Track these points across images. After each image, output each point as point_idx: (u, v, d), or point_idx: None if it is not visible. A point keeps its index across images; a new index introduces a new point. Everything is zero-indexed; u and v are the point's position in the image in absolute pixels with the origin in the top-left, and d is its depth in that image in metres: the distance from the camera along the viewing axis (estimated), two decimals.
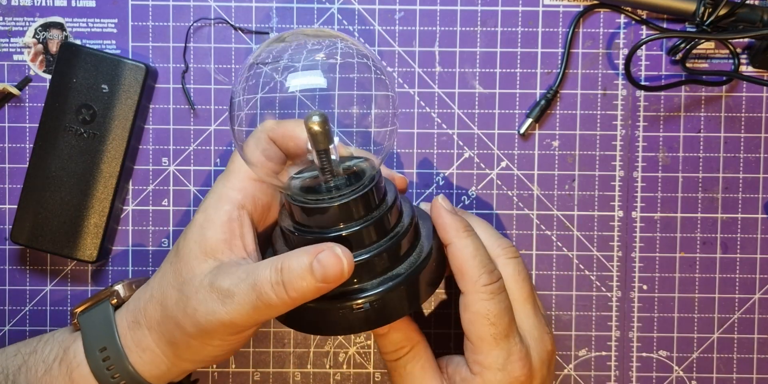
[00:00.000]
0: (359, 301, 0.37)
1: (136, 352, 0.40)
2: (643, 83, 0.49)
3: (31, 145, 0.47)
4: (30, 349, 0.42)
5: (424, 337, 0.42)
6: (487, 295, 0.39)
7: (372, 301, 0.37)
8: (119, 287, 0.43)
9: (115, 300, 0.42)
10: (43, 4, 0.48)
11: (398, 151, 0.49)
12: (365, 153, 0.41)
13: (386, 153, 0.40)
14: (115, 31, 0.48)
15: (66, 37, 0.48)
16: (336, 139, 0.38)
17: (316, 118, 0.36)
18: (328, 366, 0.49)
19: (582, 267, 0.49)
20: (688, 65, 0.49)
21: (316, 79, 0.38)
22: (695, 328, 0.49)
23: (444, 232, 0.40)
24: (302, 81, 0.38)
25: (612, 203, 0.49)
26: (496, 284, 0.40)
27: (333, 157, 0.38)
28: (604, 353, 0.49)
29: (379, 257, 0.38)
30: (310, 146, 0.37)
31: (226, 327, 0.37)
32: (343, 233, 0.37)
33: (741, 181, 0.49)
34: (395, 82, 0.48)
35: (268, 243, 0.42)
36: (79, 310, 0.42)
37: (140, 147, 0.49)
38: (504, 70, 0.49)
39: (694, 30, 0.47)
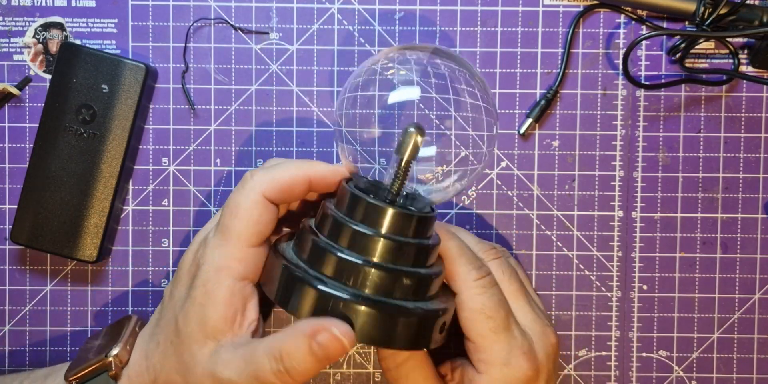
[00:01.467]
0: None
1: None
2: (642, 82, 0.49)
3: (31, 145, 0.47)
4: None
5: None
6: (479, 290, 0.39)
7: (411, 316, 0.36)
8: (113, 356, 0.40)
9: (114, 371, 0.40)
10: (43, 4, 0.48)
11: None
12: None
13: (461, 188, 0.40)
14: (115, 31, 0.48)
15: (66, 37, 0.48)
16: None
17: (413, 129, 0.36)
18: (328, 366, 0.49)
19: (582, 267, 0.49)
20: (687, 65, 0.49)
21: (413, 93, 0.39)
22: (695, 328, 0.49)
23: None
24: (403, 95, 0.39)
25: (612, 203, 0.49)
26: (486, 278, 0.40)
27: (410, 172, 0.38)
28: (604, 353, 0.49)
29: (408, 278, 0.37)
30: (395, 152, 0.37)
31: None
32: (383, 238, 0.37)
33: (741, 181, 0.49)
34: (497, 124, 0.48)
35: None
36: (73, 378, 0.41)
37: (140, 147, 0.49)
38: (504, 70, 0.49)
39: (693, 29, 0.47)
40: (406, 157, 0.37)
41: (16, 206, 0.47)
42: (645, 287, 0.49)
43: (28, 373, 0.44)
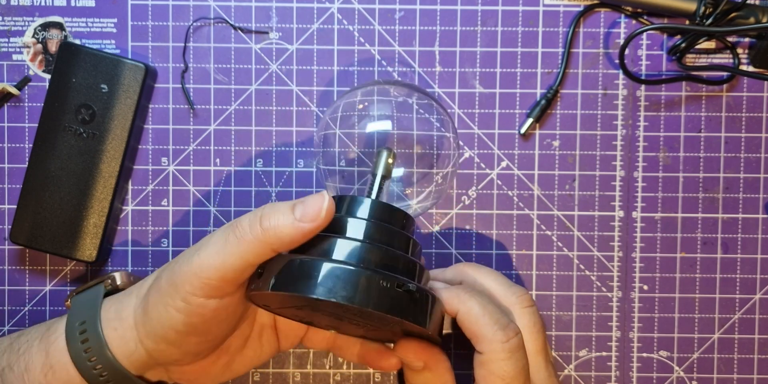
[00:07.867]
0: (400, 282, 0.35)
1: (112, 323, 0.39)
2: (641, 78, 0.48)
3: (31, 145, 0.47)
4: (19, 333, 0.42)
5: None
6: (504, 354, 0.37)
7: (413, 290, 0.35)
8: (117, 274, 0.43)
9: (110, 285, 0.43)
10: (43, 3, 0.48)
11: (398, 151, 0.49)
12: None
13: (433, 203, 0.45)
14: (114, 30, 0.48)
15: (65, 36, 0.48)
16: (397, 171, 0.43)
17: (387, 152, 0.42)
18: (328, 366, 0.49)
19: (582, 267, 0.49)
20: (688, 63, 0.48)
21: (386, 126, 0.45)
22: (696, 329, 0.49)
23: (448, 307, 0.38)
24: (378, 127, 0.45)
25: (612, 203, 0.49)
26: (513, 341, 0.37)
27: (384, 190, 0.42)
28: (604, 354, 0.49)
29: (404, 263, 0.37)
30: (372, 174, 0.42)
31: (194, 273, 0.36)
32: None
33: (742, 181, 0.49)
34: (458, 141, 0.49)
35: None
36: (74, 290, 0.43)
37: (139, 147, 0.49)
38: (504, 70, 0.49)
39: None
40: (380, 173, 0.42)
41: (15, 206, 0.47)
42: (645, 287, 0.49)
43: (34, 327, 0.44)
